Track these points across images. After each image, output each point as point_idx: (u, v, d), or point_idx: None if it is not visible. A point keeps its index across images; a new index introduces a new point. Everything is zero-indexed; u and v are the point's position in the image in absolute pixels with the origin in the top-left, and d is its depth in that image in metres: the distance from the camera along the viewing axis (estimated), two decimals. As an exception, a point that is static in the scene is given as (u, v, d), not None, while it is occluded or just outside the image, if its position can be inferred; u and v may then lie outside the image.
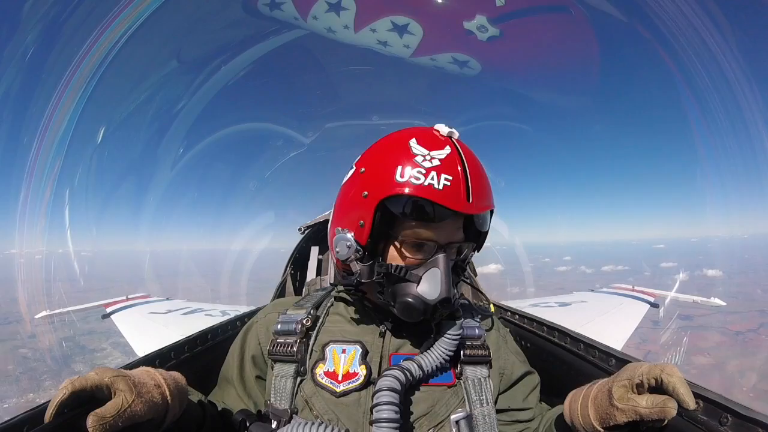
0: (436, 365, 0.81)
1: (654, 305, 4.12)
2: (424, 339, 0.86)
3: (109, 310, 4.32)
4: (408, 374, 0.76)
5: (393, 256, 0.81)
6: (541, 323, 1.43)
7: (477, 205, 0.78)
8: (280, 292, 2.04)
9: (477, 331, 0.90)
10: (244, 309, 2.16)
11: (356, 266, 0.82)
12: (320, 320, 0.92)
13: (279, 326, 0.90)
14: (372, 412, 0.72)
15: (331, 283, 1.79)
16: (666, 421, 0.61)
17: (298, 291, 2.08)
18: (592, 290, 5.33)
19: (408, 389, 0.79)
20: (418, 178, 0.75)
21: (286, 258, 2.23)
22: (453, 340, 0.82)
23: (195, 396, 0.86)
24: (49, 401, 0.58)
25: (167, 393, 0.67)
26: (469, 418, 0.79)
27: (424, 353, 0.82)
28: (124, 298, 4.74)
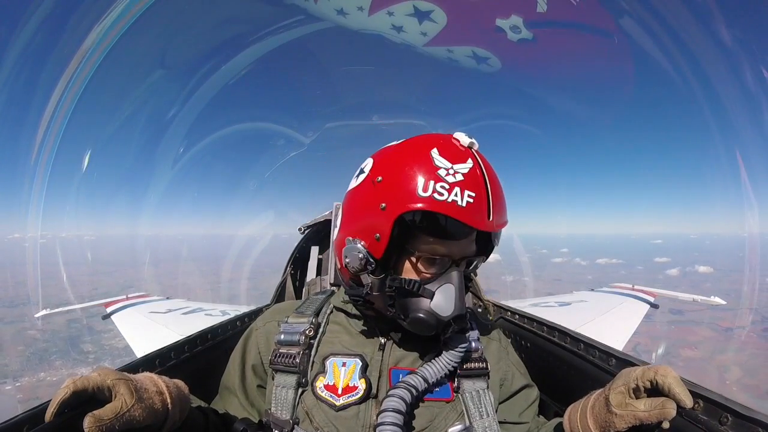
0: (441, 376, 0.81)
1: (654, 305, 4.08)
2: (429, 352, 0.86)
3: (109, 310, 4.31)
4: (414, 391, 0.76)
5: (407, 270, 0.79)
6: (541, 323, 1.44)
7: (497, 223, 0.78)
8: (280, 292, 2.04)
9: (474, 344, 0.89)
10: (244, 309, 2.17)
11: (367, 279, 0.80)
12: (321, 329, 0.92)
13: (282, 336, 0.89)
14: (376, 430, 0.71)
15: (331, 283, 1.77)
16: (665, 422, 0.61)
17: (298, 291, 2.08)
18: (592, 289, 5.28)
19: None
20: (441, 194, 0.71)
21: (287, 245, 2.23)
22: (460, 352, 0.82)
23: (197, 404, 0.86)
24: (49, 401, 0.59)
25: (169, 401, 0.67)
26: (468, 430, 0.80)
27: (428, 364, 0.81)
28: (124, 297, 4.70)
